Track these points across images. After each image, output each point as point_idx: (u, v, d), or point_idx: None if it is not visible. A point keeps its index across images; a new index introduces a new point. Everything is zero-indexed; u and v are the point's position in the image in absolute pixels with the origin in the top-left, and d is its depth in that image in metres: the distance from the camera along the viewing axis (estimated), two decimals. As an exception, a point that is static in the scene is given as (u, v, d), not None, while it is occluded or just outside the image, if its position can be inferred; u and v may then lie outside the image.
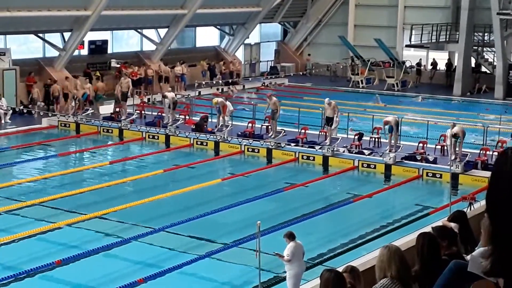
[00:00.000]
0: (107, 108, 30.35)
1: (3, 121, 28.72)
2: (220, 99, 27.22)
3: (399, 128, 24.33)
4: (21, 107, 30.08)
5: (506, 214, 2.29)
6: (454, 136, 21.79)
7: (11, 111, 29.12)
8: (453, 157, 21.49)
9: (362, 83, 41.21)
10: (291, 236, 12.59)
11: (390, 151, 22.95)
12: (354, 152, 24.12)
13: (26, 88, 31.63)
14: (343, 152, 24.04)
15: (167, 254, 15.31)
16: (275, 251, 12.76)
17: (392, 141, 23.20)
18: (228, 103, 27.66)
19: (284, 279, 12.83)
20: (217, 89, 38.14)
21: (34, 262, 14.40)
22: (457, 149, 21.85)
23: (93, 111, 29.64)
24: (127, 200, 18.95)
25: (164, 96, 28.05)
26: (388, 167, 22.67)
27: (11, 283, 13.48)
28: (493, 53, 39.57)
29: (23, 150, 25.20)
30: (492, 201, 2.36)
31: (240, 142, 25.27)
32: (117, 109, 29.54)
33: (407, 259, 6.67)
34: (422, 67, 42.83)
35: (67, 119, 28.40)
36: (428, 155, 23.26)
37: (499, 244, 2.36)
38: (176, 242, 15.97)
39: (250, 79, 42.19)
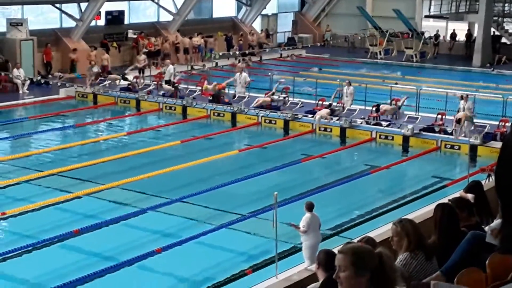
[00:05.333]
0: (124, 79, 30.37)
1: (21, 91, 28.84)
2: (210, 86, 27.07)
3: (418, 100, 24.17)
4: (39, 78, 30.15)
5: None
6: (458, 121, 21.72)
7: (28, 81, 29.22)
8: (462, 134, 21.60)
9: (380, 54, 40.89)
10: (308, 207, 12.59)
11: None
12: (371, 123, 23.99)
13: (43, 58, 31.77)
14: (361, 123, 23.92)
15: (184, 224, 15.38)
16: (291, 222, 12.77)
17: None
18: (245, 74, 27.61)
19: (300, 249, 12.85)
20: (236, 59, 38.01)
21: (52, 231, 14.52)
22: (464, 129, 21.79)
23: (110, 81, 29.69)
24: (144, 170, 18.99)
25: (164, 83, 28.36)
26: (406, 138, 22.54)
27: (31, 251, 13.62)
28: (513, 23, 39.06)
29: (41, 120, 25.31)
30: (499, 177, 2.29)
31: (257, 114, 25.22)
32: (135, 80, 29.56)
33: (424, 231, 6.65)
34: (440, 38, 42.37)
35: (84, 90, 28.47)
36: (447, 126, 23.09)
37: (508, 221, 2.30)
38: (193, 212, 16.03)
39: (267, 50, 41.98)
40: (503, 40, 40.43)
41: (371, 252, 4.13)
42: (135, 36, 35.93)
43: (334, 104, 25.47)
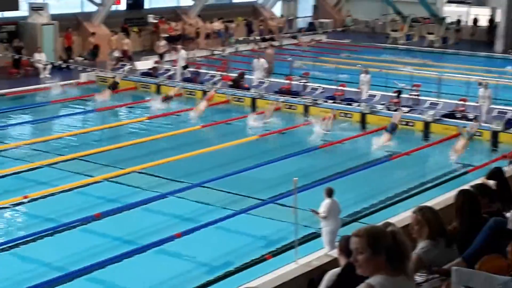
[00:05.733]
0: (145, 64, 30.48)
1: (42, 76, 29.00)
2: (203, 106, 24.18)
3: (439, 86, 23.87)
4: (60, 62, 30.29)
5: None
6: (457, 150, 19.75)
7: (50, 66, 29.37)
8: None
9: (401, 39, 40.60)
10: (328, 193, 12.58)
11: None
12: (392, 109, 23.87)
13: (64, 43, 31.91)
14: (381, 109, 23.81)
15: (204, 209, 15.42)
16: (310, 208, 12.77)
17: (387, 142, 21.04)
18: (262, 60, 27.56)
19: (320, 235, 12.85)
20: (255, 44, 37.97)
21: (73, 215, 14.63)
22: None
23: (131, 66, 29.79)
24: (164, 155, 19.07)
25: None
26: (427, 124, 22.42)
27: (52, 234, 13.74)
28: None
29: (62, 104, 25.45)
30: None
31: (277, 99, 25.18)
32: (155, 65, 29.66)
33: (445, 217, 6.62)
34: (462, 24, 42.00)
35: (105, 75, 28.57)
36: (468, 113, 22.92)
37: None
38: (213, 197, 16.06)
39: (287, 35, 41.82)
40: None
41: (384, 231, 4.23)
42: (156, 21, 35.95)
43: None
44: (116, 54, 30.60)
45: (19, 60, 29.23)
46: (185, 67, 28.73)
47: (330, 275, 6.09)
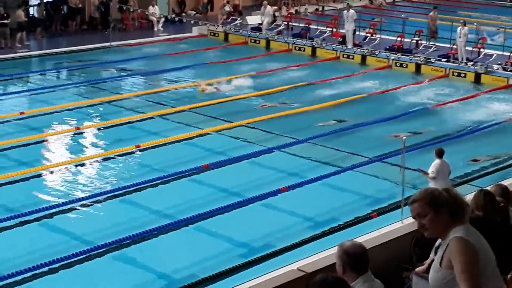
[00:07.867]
0: (254, 19, 30.51)
1: (155, 29, 29.58)
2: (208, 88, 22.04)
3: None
4: (173, 15, 30.77)
5: None
6: None
7: (163, 19, 29.90)
8: None
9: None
10: (438, 153, 12.30)
11: None
12: (509, 70, 22.94)
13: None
14: (497, 69, 22.93)
15: (310, 165, 15.41)
16: (419, 168, 12.52)
17: None
18: (352, 11, 26.69)
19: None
20: (369, 0, 37.26)
21: (182, 165, 14.94)
22: None
23: (241, 21, 29.92)
24: (272, 110, 19.12)
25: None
26: (546, 87, 21.47)
27: (160, 184, 14.09)
28: None
29: (173, 57, 25.89)
30: None
31: (388, 56, 24.68)
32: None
33: None
34: None
35: (216, 29, 28.82)
36: None
37: None
38: (319, 153, 16.02)
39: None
40: None
41: (438, 189, 4.33)
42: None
43: None
44: (227, 8, 30.77)
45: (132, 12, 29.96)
46: (271, 24, 28.61)
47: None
